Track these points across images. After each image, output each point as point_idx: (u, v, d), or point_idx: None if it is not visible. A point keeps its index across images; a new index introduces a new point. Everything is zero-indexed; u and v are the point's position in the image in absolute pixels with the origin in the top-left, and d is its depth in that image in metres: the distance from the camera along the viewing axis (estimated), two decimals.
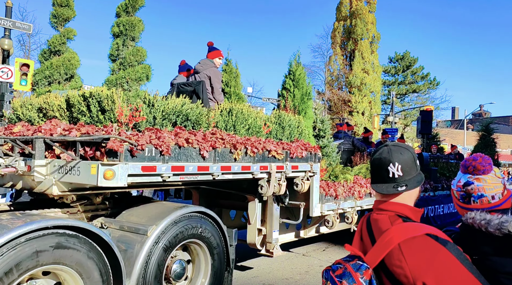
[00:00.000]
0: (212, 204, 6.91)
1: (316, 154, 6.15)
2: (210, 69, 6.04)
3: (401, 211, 1.78)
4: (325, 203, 6.42)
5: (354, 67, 35.42)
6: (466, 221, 1.82)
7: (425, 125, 10.88)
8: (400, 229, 1.67)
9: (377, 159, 1.84)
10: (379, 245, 1.69)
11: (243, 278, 6.52)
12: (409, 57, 44.97)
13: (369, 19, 36.31)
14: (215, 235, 4.72)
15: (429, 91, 45.61)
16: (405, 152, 1.82)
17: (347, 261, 1.70)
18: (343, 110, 36.04)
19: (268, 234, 6.19)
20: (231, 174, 4.88)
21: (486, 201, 1.81)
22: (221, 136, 4.77)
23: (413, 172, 1.81)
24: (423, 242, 1.60)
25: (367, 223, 1.89)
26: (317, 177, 6.21)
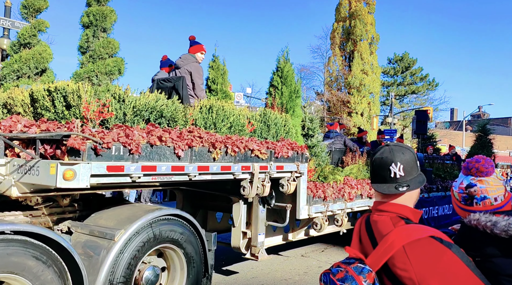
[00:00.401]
0: (197, 206, 6.61)
1: (303, 154, 5.84)
2: (191, 64, 5.73)
3: (402, 212, 1.74)
4: (313, 205, 6.11)
5: (353, 68, 35.18)
6: (469, 222, 1.80)
7: (420, 126, 10.57)
8: (403, 231, 1.63)
9: (378, 158, 1.79)
10: (381, 247, 1.64)
11: (242, 279, 6.41)
12: (408, 58, 44.70)
13: (368, 20, 36.06)
14: (191, 239, 4.42)
15: (428, 93, 45.38)
16: (406, 152, 1.78)
17: (347, 263, 1.65)
18: (342, 111, 35.83)
19: (253, 237, 5.89)
20: (210, 175, 4.58)
21: (489, 203, 1.80)
22: (199, 135, 4.47)
23: (414, 172, 1.77)
24: (428, 245, 1.57)
25: (366, 224, 1.83)
26: (304, 178, 5.90)
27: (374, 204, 1.87)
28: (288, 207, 5.92)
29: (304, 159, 5.88)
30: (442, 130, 47.63)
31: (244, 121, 5.32)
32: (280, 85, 6.42)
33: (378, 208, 1.82)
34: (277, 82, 6.42)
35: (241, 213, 5.82)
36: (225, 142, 4.70)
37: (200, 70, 5.78)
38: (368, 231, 1.79)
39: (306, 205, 5.99)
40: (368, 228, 1.80)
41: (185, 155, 4.26)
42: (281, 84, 6.43)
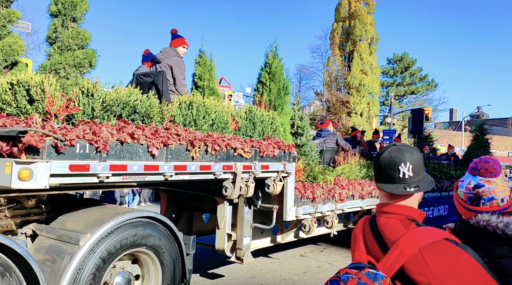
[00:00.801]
0: (182, 207, 6.33)
1: (290, 153, 5.55)
2: (172, 58, 5.43)
3: (410, 214, 1.67)
4: (301, 206, 5.81)
5: (353, 68, 34.96)
6: (476, 223, 1.77)
7: (416, 125, 10.26)
8: (417, 233, 1.56)
9: (386, 158, 1.72)
10: (394, 251, 1.55)
11: (241, 278, 6.32)
12: (408, 59, 44.39)
13: (367, 21, 35.84)
14: (167, 243, 4.13)
15: (427, 93, 45.09)
16: (415, 152, 1.72)
17: (357, 269, 1.55)
18: (342, 111, 35.61)
19: (238, 240, 5.60)
20: (188, 174, 4.29)
21: (496, 204, 1.78)
22: (176, 132, 4.18)
23: (422, 173, 1.71)
24: (444, 248, 1.51)
25: (371, 227, 1.74)
26: (291, 178, 5.61)
27: (378, 205, 1.79)
28: (275, 208, 5.63)
29: (292, 158, 5.59)
30: (441, 130, 47.28)
31: (228, 118, 5.03)
32: (268, 82, 6.12)
33: (384, 210, 1.72)
34: (265, 78, 6.13)
35: (226, 214, 5.53)
36: (205, 140, 4.41)
37: (182, 65, 5.49)
38: (375, 235, 1.70)
39: (293, 206, 5.70)
40: (374, 231, 1.72)
41: (160, 153, 3.98)
42: (269, 80, 6.14)
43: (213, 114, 4.77)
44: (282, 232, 6.58)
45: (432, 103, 44.37)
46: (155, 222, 4.03)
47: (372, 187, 7.27)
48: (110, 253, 3.59)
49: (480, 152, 10.60)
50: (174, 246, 4.20)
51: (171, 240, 4.18)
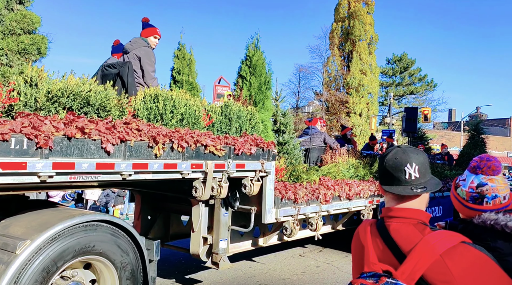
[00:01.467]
0: (158, 208, 5.91)
1: (270, 151, 5.12)
2: (141, 48, 5.00)
3: (420, 217, 1.60)
4: (282, 208, 5.39)
5: (352, 68, 34.66)
6: (482, 222, 1.74)
7: (410, 123, 9.81)
8: (434, 239, 1.48)
9: (391, 159, 1.67)
10: (413, 259, 1.46)
11: (240, 278, 6.22)
12: (407, 59, 43.93)
13: (367, 21, 35.53)
14: (125, 249, 3.71)
15: (426, 93, 44.64)
16: (420, 153, 1.68)
17: (372, 278, 1.46)
18: (341, 111, 35.31)
19: (215, 243, 5.18)
20: (150, 174, 3.87)
21: (499, 202, 1.76)
22: (137, 127, 3.76)
23: (428, 175, 1.66)
24: (464, 251, 1.46)
25: (380, 233, 1.63)
26: (271, 177, 5.19)
27: (385, 210, 1.70)
28: (253, 210, 5.21)
29: (271, 156, 5.17)
30: (440, 130, 46.79)
31: (200, 113, 4.61)
32: (249, 76, 5.70)
33: (392, 215, 1.64)
34: (245, 72, 5.70)
35: (201, 216, 5.12)
36: (171, 136, 3.99)
37: (152, 56, 5.06)
38: (387, 241, 1.59)
39: (273, 207, 5.27)
40: (385, 237, 1.61)
41: (117, 150, 3.56)
42: (250, 74, 5.71)
43: (182, 109, 4.35)
44: (264, 234, 6.16)
45: (431, 104, 43.92)
46: (111, 226, 3.60)
47: (361, 187, 6.85)
48: (54, 262, 3.17)
49: (476, 151, 10.15)
50: (134, 252, 3.78)
51: (130, 245, 3.76)
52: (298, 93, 42.37)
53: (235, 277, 6.25)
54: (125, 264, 3.68)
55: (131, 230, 3.74)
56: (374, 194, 7.17)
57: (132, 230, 3.75)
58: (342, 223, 7.53)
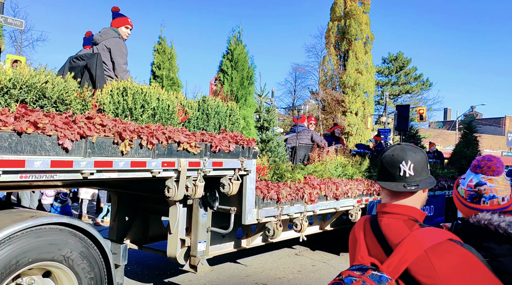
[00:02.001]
0: (136, 209, 5.62)
1: (250, 148, 4.82)
2: (111, 39, 4.69)
3: (412, 214, 1.60)
4: (263, 208, 5.09)
5: (348, 68, 34.53)
6: (477, 222, 1.71)
7: (401, 121, 9.51)
8: (421, 235, 1.48)
9: (389, 156, 1.67)
10: (399, 253, 1.47)
11: (236, 277, 6.13)
12: (403, 58, 43.73)
13: (363, 20, 35.38)
14: (87, 254, 3.40)
15: (422, 92, 44.49)
16: (418, 151, 1.67)
17: (360, 271, 1.47)
18: (337, 110, 35.17)
19: (193, 246, 4.90)
20: (115, 172, 3.56)
21: (496, 202, 1.74)
22: (101, 122, 3.46)
23: (424, 173, 1.66)
24: (450, 248, 1.45)
25: (372, 228, 1.64)
26: (251, 176, 4.89)
27: (379, 206, 1.71)
28: (233, 211, 4.92)
29: (252, 154, 4.87)
30: (436, 130, 46.53)
31: (174, 108, 4.31)
32: (230, 70, 5.40)
33: (385, 210, 1.65)
34: (227, 66, 5.40)
35: (178, 217, 4.83)
36: (139, 132, 3.69)
37: (123, 47, 4.75)
38: (377, 235, 1.61)
39: (254, 208, 4.98)
40: (376, 232, 1.63)
41: (77, 147, 3.26)
42: (231, 68, 5.41)
43: (153, 103, 4.05)
44: (247, 235, 5.87)
45: (426, 103, 43.81)
46: (70, 230, 3.30)
47: (349, 186, 6.56)
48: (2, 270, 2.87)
49: (469, 150, 9.86)
50: (98, 257, 3.48)
51: (93, 250, 3.45)
52: (294, 92, 42.16)
53: (231, 276, 6.15)
54: (88, 271, 3.38)
55: (94, 233, 3.43)
56: (363, 193, 6.88)
57: (95, 233, 3.44)
58: (330, 223, 7.24)
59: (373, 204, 7.01)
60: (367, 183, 7.02)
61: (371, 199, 7.06)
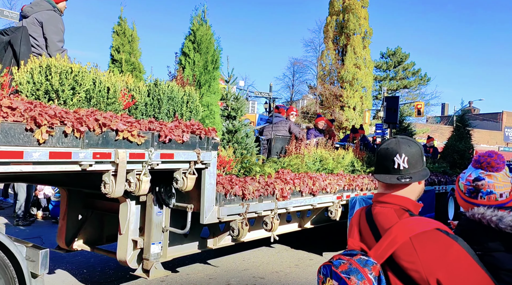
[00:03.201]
0: (89, 206, 5.00)
1: (209, 139, 4.20)
2: (44, 12, 4.03)
3: (404, 204, 1.62)
4: (226, 205, 4.47)
5: (346, 62, 34.07)
6: (472, 216, 1.70)
7: (390, 114, 8.84)
8: (409, 223, 1.51)
9: (384, 149, 1.68)
10: (386, 239, 1.50)
11: (233, 271, 5.95)
12: (401, 53, 42.94)
13: (361, 14, 34.78)
14: None
15: (419, 87, 43.79)
16: (413, 145, 1.67)
17: (349, 255, 1.52)
18: (335, 105, 34.74)
19: (145, 248, 4.29)
20: (30, 165, 2.95)
21: (494, 198, 1.71)
22: (10, 105, 2.84)
23: (419, 166, 1.66)
24: (435, 237, 1.45)
25: (367, 216, 1.69)
26: (211, 170, 4.27)
27: (375, 195, 1.72)
28: (189, 209, 4.31)
29: (212, 145, 4.25)
30: (433, 125, 45.82)
31: (116, 92, 3.68)
32: (192, 53, 4.76)
33: (379, 200, 1.67)
34: (189, 48, 4.76)
35: (129, 216, 4.24)
36: (63, 117, 3.06)
37: (59, 22, 4.09)
38: (370, 223, 1.64)
39: (214, 205, 4.36)
40: (369, 220, 1.65)
41: None
42: (194, 51, 4.77)
43: (87, 85, 3.42)
44: (214, 235, 5.25)
45: (424, 98, 43.15)
46: None
47: (328, 181, 5.93)
48: None
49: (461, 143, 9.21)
50: (5, 266, 2.87)
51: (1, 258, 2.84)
52: (292, 87, 41.57)
53: (229, 270, 5.97)
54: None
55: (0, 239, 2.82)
56: (344, 188, 6.25)
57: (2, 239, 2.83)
58: (310, 220, 6.63)
59: (355, 200, 6.39)
60: (349, 177, 6.39)
61: (353, 195, 6.43)
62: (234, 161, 4.83)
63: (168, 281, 5.30)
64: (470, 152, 9.61)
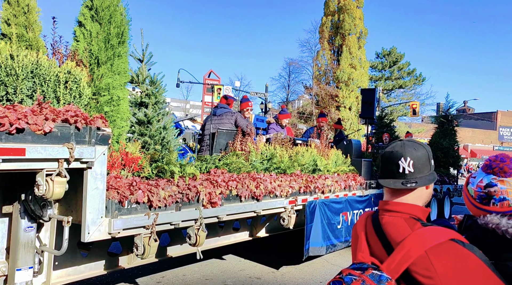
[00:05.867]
0: None
1: (92, 129, 3.05)
2: None
3: (413, 212, 1.48)
4: (123, 216, 3.32)
5: (342, 62, 33.30)
6: (485, 225, 1.57)
7: (366, 108, 7.62)
8: (423, 234, 1.37)
9: (388, 152, 1.55)
10: (399, 253, 1.36)
11: (229, 271, 5.76)
12: (396, 53, 41.76)
13: (356, 15, 33.99)
14: None
15: (415, 87, 42.68)
16: (419, 148, 1.52)
17: (360, 270, 1.37)
18: (331, 105, 33.92)
19: (10, 276, 3.14)
20: None
21: (507, 205, 1.57)
22: None
23: (426, 170, 1.50)
24: (451, 249, 1.33)
25: (374, 225, 1.53)
26: (98, 171, 3.11)
27: (381, 203, 1.56)
28: (66, 222, 3.14)
29: (97, 138, 3.09)
30: (428, 124, 44.59)
31: None
32: (89, 23, 3.61)
33: (387, 208, 1.51)
34: (85, 16, 3.61)
35: None
36: None
37: None
38: (379, 234, 1.49)
39: (104, 216, 3.20)
40: (378, 230, 1.50)
41: None
42: (91, 20, 3.62)
43: None
44: (128, 251, 4.10)
45: (419, 98, 42.11)
46: None
47: (278, 183, 4.76)
48: None
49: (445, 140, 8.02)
50: None
51: None
52: (288, 87, 40.57)
53: (225, 270, 5.77)
54: None
55: None
56: (299, 191, 5.08)
57: None
58: (264, 228, 5.47)
59: (314, 205, 5.22)
60: (307, 178, 5.22)
61: (312, 198, 5.26)
62: (145, 158, 3.67)
63: (165, 282, 5.17)
64: (456, 149, 8.43)
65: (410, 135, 10.63)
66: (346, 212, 5.81)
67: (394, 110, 40.65)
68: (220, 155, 4.70)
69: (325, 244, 5.52)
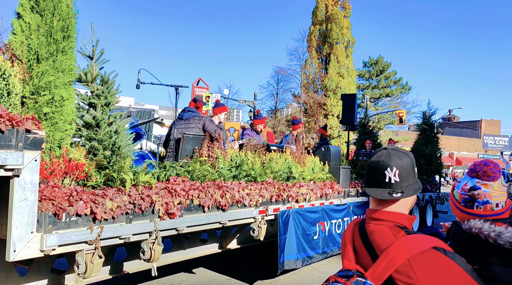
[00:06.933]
0: None
1: (20, 132, 2.62)
2: None
3: (399, 220, 1.48)
4: (59, 231, 2.88)
5: (330, 71, 33.28)
6: (469, 229, 1.56)
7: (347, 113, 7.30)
8: (405, 242, 1.37)
9: (374, 162, 1.53)
10: (383, 260, 1.37)
11: (217, 280, 5.56)
12: (383, 62, 41.86)
13: (344, 24, 34.06)
14: None
15: (401, 96, 42.73)
16: (404, 157, 1.51)
17: (345, 277, 1.39)
18: (319, 113, 33.85)
19: None
20: None
21: (490, 208, 1.57)
22: None
23: (411, 179, 1.50)
24: (433, 257, 1.33)
25: (361, 233, 1.53)
26: (27, 180, 2.67)
27: (368, 211, 1.57)
28: None
29: (27, 142, 2.66)
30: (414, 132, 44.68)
31: None
32: (29, 14, 3.19)
33: (373, 216, 1.51)
34: (24, 7, 3.19)
35: None
36: None
37: None
38: (365, 242, 1.50)
39: (33, 231, 2.76)
40: (364, 238, 1.51)
41: None
42: (31, 11, 3.21)
43: None
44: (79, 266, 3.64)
45: (406, 106, 42.20)
46: None
47: (247, 191, 4.35)
48: None
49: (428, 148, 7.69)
50: None
51: None
52: (276, 95, 40.36)
53: (212, 279, 5.61)
54: None
55: None
56: (271, 200, 4.67)
57: None
58: (236, 239, 5.04)
59: (288, 214, 4.81)
60: (280, 186, 4.81)
61: (285, 208, 4.85)
62: (90, 165, 3.24)
63: None
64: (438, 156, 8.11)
65: (393, 142, 10.36)
66: (323, 222, 5.41)
67: (382, 119, 40.63)
68: (181, 161, 4.28)
69: (300, 257, 5.11)
